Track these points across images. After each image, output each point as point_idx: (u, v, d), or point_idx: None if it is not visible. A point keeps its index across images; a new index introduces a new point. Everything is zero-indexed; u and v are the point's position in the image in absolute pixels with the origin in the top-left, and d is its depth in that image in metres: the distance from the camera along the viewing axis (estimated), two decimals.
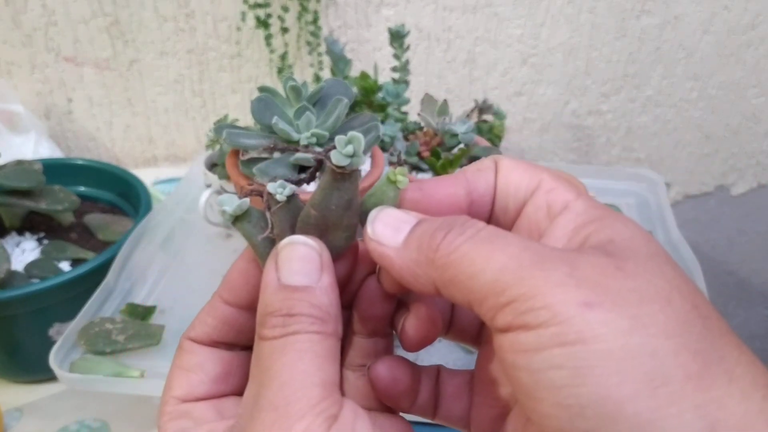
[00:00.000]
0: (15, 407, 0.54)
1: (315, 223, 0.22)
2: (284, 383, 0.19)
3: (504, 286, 0.17)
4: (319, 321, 0.21)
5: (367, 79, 0.60)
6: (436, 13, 0.79)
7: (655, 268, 0.18)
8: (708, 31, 0.79)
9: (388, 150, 0.56)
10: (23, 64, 0.80)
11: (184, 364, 0.24)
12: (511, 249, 0.18)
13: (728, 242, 0.99)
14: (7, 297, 0.49)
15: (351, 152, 0.21)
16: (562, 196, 0.21)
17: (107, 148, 0.89)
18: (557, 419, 0.16)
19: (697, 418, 0.15)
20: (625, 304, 0.16)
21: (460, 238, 0.19)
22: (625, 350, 0.16)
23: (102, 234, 0.61)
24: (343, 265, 0.24)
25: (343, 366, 0.25)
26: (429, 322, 0.24)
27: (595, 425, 0.16)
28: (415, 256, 0.20)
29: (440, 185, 0.23)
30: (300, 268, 0.21)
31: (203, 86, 0.84)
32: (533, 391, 0.17)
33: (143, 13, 0.78)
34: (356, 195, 0.22)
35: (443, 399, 0.25)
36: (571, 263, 0.17)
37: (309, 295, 0.21)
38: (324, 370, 0.20)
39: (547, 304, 0.17)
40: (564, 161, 0.91)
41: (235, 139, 0.48)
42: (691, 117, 0.86)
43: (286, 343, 0.20)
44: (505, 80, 0.84)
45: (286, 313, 0.21)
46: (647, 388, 0.15)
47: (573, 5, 0.77)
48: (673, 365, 0.16)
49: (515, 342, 0.17)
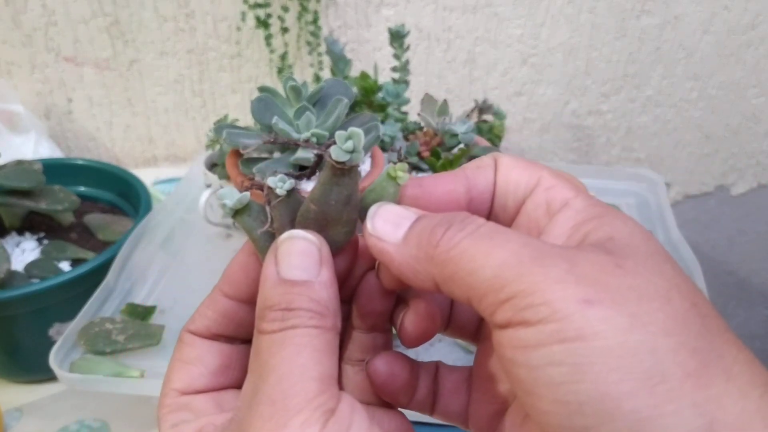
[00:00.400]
0: (15, 407, 0.54)
1: (314, 217, 0.22)
2: (282, 377, 0.19)
3: (503, 283, 0.17)
4: (317, 315, 0.21)
5: (367, 79, 0.60)
6: (436, 13, 0.79)
7: (654, 267, 0.18)
8: (708, 31, 0.79)
9: (388, 150, 0.56)
10: (23, 64, 0.80)
11: (183, 356, 0.24)
12: (511, 245, 0.18)
13: (728, 242, 0.99)
14: (7, 297, 0.49)
15: (351, 148, 0.21)
16: (561, 193, 0.21)
17: (107, 148, 0.89)
18: (556, 415, 0.16)
19: (695, 415, 0.15)
20: (625, 302, 0.16)
21: (460, 234, 0.19)
22: (625, 347, 0.16)
23: (102, 234, 0.61)
24: (342, 259, 0.24)
25: (342, 361, 0.25)
26: (428, 318, 0.24)
27: (594, 422, 0.16)
28: (414, 252, 0.20)
29: (440, 182, 0.23)
30: (299, 263, 0.21)
31: (203, 86, 0.84)
32: (532, 388, 0.17)
33: (143, 13, 0.78)
34: (356, 190, 0.22)
35: (441, 395, 0.25)
36: (571, 260, 0.17)
37: (308, 290, 0.21)
38: (322, 364, 0.20)
39: (546, 300, 0.17)
40: (564, 161, 0.91)
41: (235, 139, 0.48)
42: (691, 117, 0.86)
43: (284, 337, 0.20)
44: (505, 80, 0.84)
45: (285, 307, 0.21)
46: (646, 386, 0.15)
47: (573, 5, 0.77)
48: (671, 363, 0.16)
49: (514, 338, 0.17)
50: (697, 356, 0.16)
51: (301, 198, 0.23)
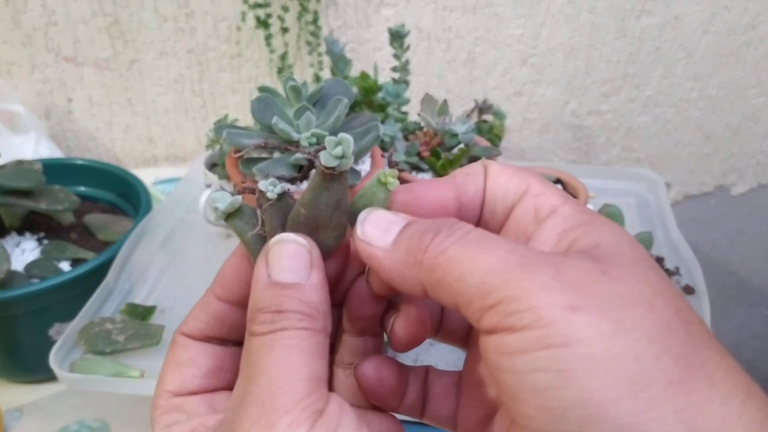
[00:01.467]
0: (15, 407, 0.54)
1: (305, 221, 0.22)
2: (271, 378, 0.20)
3: (490, 288, 0.18)
4: (307, 317, 0.21)
5: (367, 79, 0.60)
6: (436, 13, 0.79)
7: (639, 273, 0.18)
8: (708, 31, 0.79)
9: (388, 150, 0.56)
10: (23, 64, 0.80)
11: (177, 358, 0.24)
12: (499, 252, 0.18)
13: (728, 242, 0.99)
14: (7, 297, 0.49)
15: (340, 153, 0.21)
16: (549, 200, 0.22)
17: (107, 148, 0.89)
18: (539, 421, 0.17)
19: (677, 422, 0.16)
20: (609, 309, 0.17)
21: (448, 240, 0.19)
22: (609, 354, 0.16)
23: (102, 234, 0.61)
24: (333, 263, 0.24)
25: (334, 363, 0.25)
26: (418, 323, 0.24)
27: (577, 427, 0.16)
28: (403, 257, 0.20)
29: (430, 188, 0.23)
30: (290, 265, 0.22)
31: (203, 86, 0.84)
32: (517, 393, 0.17)
33: (143, 13, 0.78)
34: (346, 195, 0.22)
35: (431, 399, 0.26)
36: (557, 267, 0.18)
37: (298, 292, 0.21)
38: (311, 366, 0.20)
39: (532, 306, 0.17)
40: (564, 161, 0.91)
41: (235, 139, 0.47)
42: (691, 117, 0.86)
43: (274, 339, 0.20)
44: (505, 80, 0.84)
45: (275, 310, 0.21)
46: (629, 392, 0.16)
47: (573, 5, 0.77)
48: (655, 369, 0.16)
49: (500, 344, 0.17)
50: (680, 363, 0.16)
51: (293, 202, 0.23)
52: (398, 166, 0.55)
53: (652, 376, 0.16)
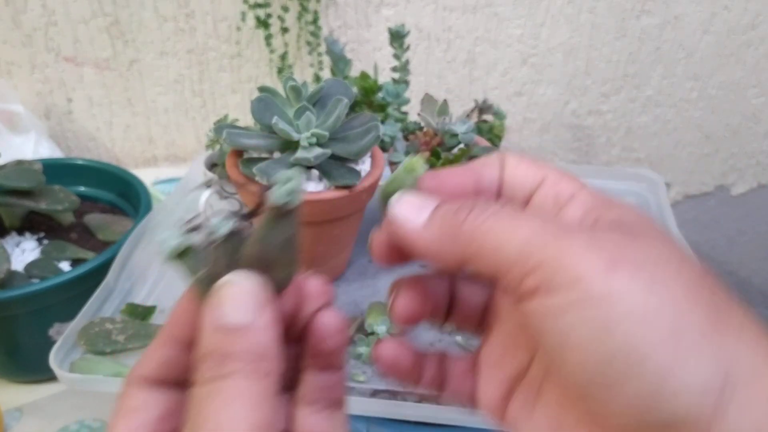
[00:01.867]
0: (15, 407, 0.54)
1: (257, 259, 0.22)
2: (216, 427, 0.19)
3: (529, 254, 0.19)
4: (256, 360, 0.20)
5: (367, 79, 0.60)
6: (436, 13, 0.79)
7: (662, 245, 0.20)
8: (708, 31, 0.79)
9: (388, 150, 0.56)
10: (23, 64, 0.80)
11: (127, 403, 0.23)
12: (534, 223, 0.20)
13: (728, 242, 0.99)
14: (7, 297, 0.49)
15: (291, 189, 0.21)
16: (568, 186, 0.23)
17: (107, 148, 0.89)
18: (585, 373, 0.18)
19: (713, 367, 0.17)
20: (644, 267, 0.18)
21: (484, 215, 0.20)
22: (648, 307, 0.17)
23: (102, 234, 0.61)
24: (287, 301, 0.23)
25: (296, 401, 0.24)
26: (416, 299, 0.25)
27: (622, 375, 0.17)
28: (439, 232, 0.21)
29: (452, 175, 0.24)
30: (238, 306, 0.21)
31: (203, 86, 0.84)
32: (562, 350, 0.18)
33: (143, 13, 0.78)
34: (297, 232, 0.22)
35: (451, 378, 0.26)
36: (591, 235, 0.19)
37: (245, 335, 0.20)
38: (259, 410, 0.19)
39: (572, 266, 0.18)
40: (564, 161, 0.91)
41: (235, 139, 0.48)
42: (691, 117, 0.86)
43: (220, 387, 0.20)
44: (505, 80, 0.84)
45: (221, 354, 0.20)
46: (669, 341, 0.17)
47: (573, 5, 0.77)
48: (689, 321, 0.18)
49: (542, 305, 0.18)
50: (712, 315, 0.18)
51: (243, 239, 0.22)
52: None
53: (688, 327, 0.17)
